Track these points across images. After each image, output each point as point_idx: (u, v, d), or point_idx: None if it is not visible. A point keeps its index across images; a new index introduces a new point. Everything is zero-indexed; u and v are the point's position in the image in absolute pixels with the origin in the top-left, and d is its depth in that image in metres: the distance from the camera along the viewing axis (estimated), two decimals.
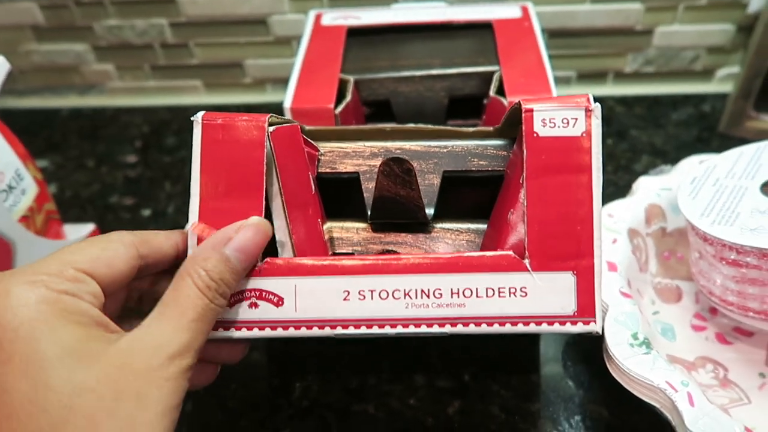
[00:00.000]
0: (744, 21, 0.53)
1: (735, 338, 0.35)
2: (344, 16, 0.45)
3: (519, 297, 0.24)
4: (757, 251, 0.29)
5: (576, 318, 0.24)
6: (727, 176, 0.34)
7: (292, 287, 0.24)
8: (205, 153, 0.25)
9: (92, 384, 0.19)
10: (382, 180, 0.27)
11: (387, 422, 0.33)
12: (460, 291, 0.24)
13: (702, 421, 0.27)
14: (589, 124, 0.24)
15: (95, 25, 0.57)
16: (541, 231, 0.24)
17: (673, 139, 0.52)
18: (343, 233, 0.30)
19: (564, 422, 0.33)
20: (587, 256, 0.24)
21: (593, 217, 0.24)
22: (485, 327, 0.24)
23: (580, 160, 0.24)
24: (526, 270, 0.24)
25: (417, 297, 0.24)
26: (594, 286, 0.24)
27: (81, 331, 0.20)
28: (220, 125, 0.25)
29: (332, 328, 0.24)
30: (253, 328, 0.24)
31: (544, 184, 0.24)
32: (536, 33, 0.42)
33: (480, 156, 0.29)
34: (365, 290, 0.24)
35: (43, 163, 0.55)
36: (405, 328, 0.24)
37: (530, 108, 0.24)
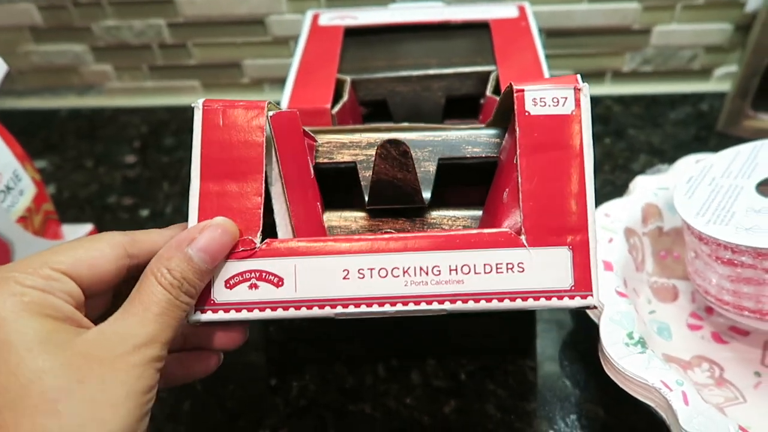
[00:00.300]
0: (742, 20, 0.53)
1: (731, 337, 0.35)
2: (341, 16, 0.45)
3: (516, 273, 0.24)
4: (752, 250, 0.29)
5: (573, 292, 0.24)
6: (723, 175, 0.34)
7: (292, 267, 0.24)
8: (206, 138, 0.25)
9: (54, 369, 0.19)
10: (379, 163, 0.28)
11: (384, 421, 0.33)
12: (458, 268, 0.24)
13: (696, 420, 0.27)
14: (578, 103, 0.25)
15: (93, 26, 0.57)
16: (536, 207, 0.24)
17: (671, 138, 0.52)
18: (341, 222, 0.31)
19: (560, 421, 0.33)
20: (582, 230, 0.24)
21: (586, 192, 0.24)
22: (484, 303, 0.24)
23: (570, 137, 0.24)
24: (522, 246, 0.24)
25: (416, 274, 0.24)
26: (590, 261, 0.24)
27: (49, 324, 0.20)
28: (220, 110, 0.26)
29: (332, 308, 0.24)
30: (253, 309, 0.24)
31: (537, 161, 0.24)
32: (533, 33, 0.42)
33: (474, 143, 0.30)
34: (364, 269, 0.24)
35: (42, 163, 0.55)
36: (405, 305, 0.24)
37: (521, 88, 0.25)
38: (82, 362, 0.20)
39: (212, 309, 0.24)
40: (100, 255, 0.23)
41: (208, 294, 0.24)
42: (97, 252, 0.23)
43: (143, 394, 0.20)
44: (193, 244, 0.23)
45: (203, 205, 0.25)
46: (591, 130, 0.24)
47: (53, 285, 0.21)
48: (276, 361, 0.37)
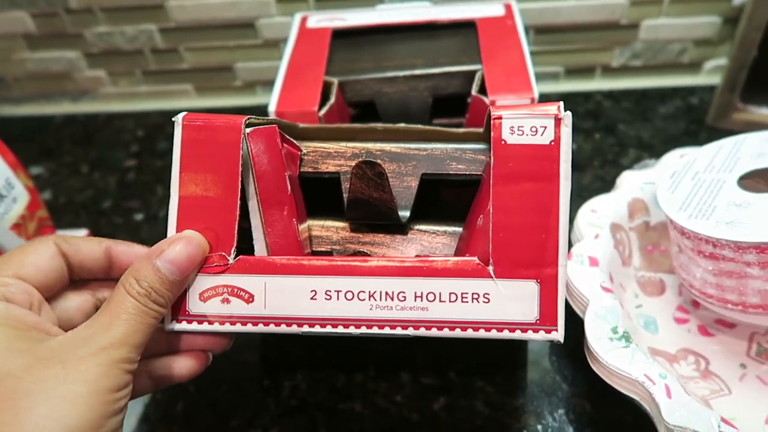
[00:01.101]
0: (730, 13, 0.53)
1: (717, 330, 0.35)
2: (329, 18, 0.46)
3: (482, 303, 0.24)
4: (733, 244, 0.29)
5: (538, 326, 0.24)
6: (706, 170, 0.35)
7: (262, 285, 0.25)
8: (185, 153, 0.26)
9: (15, 372, 0.20)
10: (355, 182, 0.28)
11: (373, 419, 0.34)
12: (423, 295, 0.24)
13: (678, 413, 0.27)
14: (558, 133, 0.24)
15: (86, 32, 0.58)
16: (506, 239, 0.24)
17: (661, 132, 0.52)
18: (322, 232, 0.31)
19: (548, 416, 0.33)
20: (551, 264, 0.24)
21: (558, 227, 0.24)
22: (447, 331, 0.24)
23: (547, 168, 0.24)
24: (489, 276, 0.24)
25: (381, 299, 0.24)
26: (557, 295, 0.24)
27: (10, 333, 0.21)
28: (199, 126, 0.26)
29: (299, 326, 0.25)
30: (225, 323, 0.25)
31: (510, 191, 0.24)
32: (519, 31, 0.42)
33: (458, 160, 0.30)
34: (331, 290, 0.25)
35: (37, 169, 0.56)
36: (369, 329, 0.25)
37: (499, 115, 0.24)
38: (44, 364, 0.20)
39: (187, 319, 0.25)
40: (40, 257, 0.24)
41: (183, 304, 0.25)
42: (36, 254, 0.24)
43: (108, 392, 0.21)
44: (162, 256, 0.24)
45: (181, 218, 0.26)
46: (570, 161, 0.24)
47: (10, 291, 0.22)
48: (268, 362, 0.38)
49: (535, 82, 0.37)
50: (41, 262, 0.24)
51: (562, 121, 0.24)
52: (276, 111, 0.37)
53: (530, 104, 0.25)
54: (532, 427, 0.33)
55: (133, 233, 0.48)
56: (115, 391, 0.21)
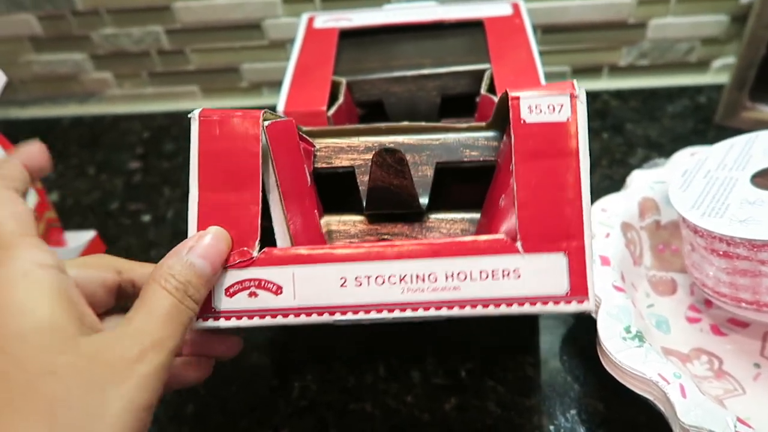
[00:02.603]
0: (737, 11, 0.53)
1: (730, 329, 0.35)
2: (336, 19, 0.46)
3: (512, 279, 0.24)
4: (747, 242, 0.29)
5: (569, 297, 0.24)
6: (718, 168, 0.34)
7: (290, 276, 0.25)
8: (203, 148, 0.26)
9: (61, 371, 0.19)
10: (375, 170, 0.28)
11: (384, 419, 0.34)
12: (454, 275, 0.24)
13: (694, 412, 0.27)
14: (574, 110, 0.24)
15: (92, 34, 0.58)
16: (532, 214, 0.24)
17: (669, 131, 0.52)
18: (340, 226, 0.31)
19: (560, 416, 0.33)
20: (577, 237, 0.24)
21: (582, 199, 0.24)
22: (480, 309, 0.24)
23: (566, 144, 0.24)
24: (518, 252, 0.24)
25: (413, 282, 0.24)
26: (585, 266, 0.24)
27: (63, 316, 0.20)
28: (216, 121, 0.26)
29: (331, 315, 0.25)
30: (253, 317, 0.25)
31: (532, 168, 0.24)
32: (527, 30, 0.42)
33: (472, 147, 0.30)
34: (362, 276, 0.24)
35: None
36: (402, 312, 0.24)
37: (517, 96, 0.25)
38: (88, 366, 0.19)
39: (213, 317, 0.25)
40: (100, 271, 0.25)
41: (209, 302, 0.25)
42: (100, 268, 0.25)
43: (142, 410, 0.20)
44: (192, 251, 0.24)
45: (202, 214, 0.26)
46: (587, 137, 0.24)
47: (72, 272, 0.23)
48: (277, 362, 0.38)
49: (544, 80, 0.37)
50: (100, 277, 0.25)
51: (577, 98, 0.24)
52: (285, 111, 0.37)
53: (544, 85, 0.26)
54: (544, 428, 0.33)
55: (140, 235, 0.48)
56: (147, 409, 0.20)
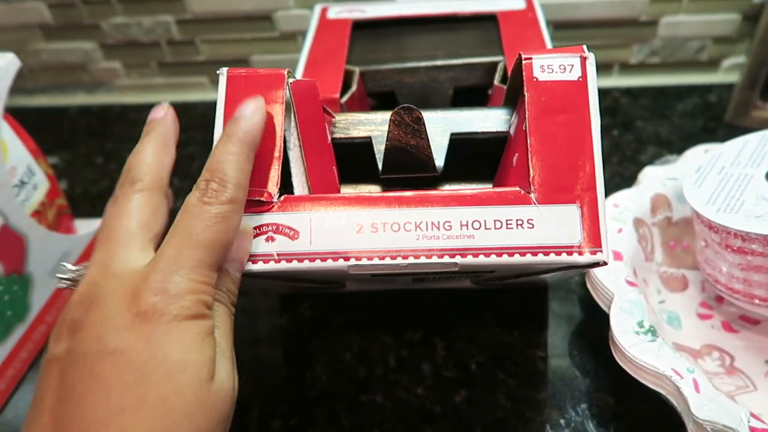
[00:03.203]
0: (750, 10, 0.53)
1: (741, 326, 0.35)
2: (349, 10, 0.46)
3: (526, 228, 0.24)
4: (762, 238, 0.29)
5: (583, 248, 0.24)
6: (732, 164, 0.34)
7: (308, 221, 0.25)
8: (229, 101, 0.27)
9: None
10: (393, 129, 0.28)
11: (394, 411, 0.34)
12: (468, 223, 0.25)
13: (708, 407, 0.27)
14: (584, 70, 0.25)
15: (102, 24, 0.57)
16: (545, 166, 0.25)
17: (679, 129, 0.52)
18: None
19: (570, 410, 0.33)
20: (590, 188, 0.24)
21: (594, 153, 0.25)
22: (494, 258, 0.24)
23: (578, 100, 0.25)
24: (531, 203, 0.25)
25: (427, 229, 0.25)
26: (598, 218, 0.24)
27: (213, 352, 0.21)
28: (243, 76, 0.27)
29: (345, 260, 0.25)
30: (269, 260, 0.25)
31: (545, 123, 0.25)
32: (540, 24, 0.42)
33: (485, 119, 0.31)
34: (378, 223, 0.25)
35: (53, 160, 0.55)
36: (416, 259, 0.24)
37: (529, 56, 0.26)
38: None
39: None
40: (234, 231, 0.23)
41: None
42: (232, 232, 0.23)
43: None
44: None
45: None
46: (597, 95, 0.26)
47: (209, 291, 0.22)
48: (288, 354, 0.38)
49: None
50: (238, 224, 0.23)
51: (587, 59, 0.26)
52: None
53: (554, 49, 0.27)
54: (554, 421, 0.33)
55: None
56: None
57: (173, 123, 0.27)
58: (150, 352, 0.20)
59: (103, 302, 0.20)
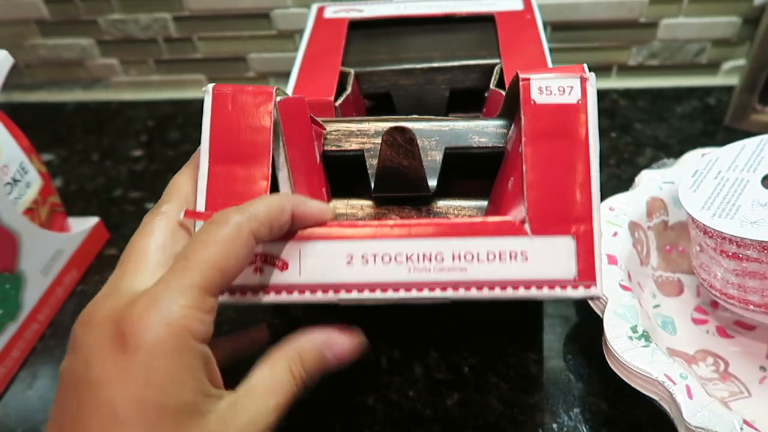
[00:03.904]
0: (750, 13, 0.53)
1: (736, 332, 0.35)
2: (346, 9, 0.45)
3: (520, 261, 0.24)
4: (757, 244, 0.29)
5: (577, 282, 0.24)
6: (729, 169, 0.34)
7: (297, 252, 0.24)
8: (215, 122, 0.26)
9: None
10: (385, 150, 0.27)
11: (386, 413, 0.34)
12: (461, 255, 0.24)
13: (700, 414, 0.26)
14: (584, 92, 0.24)
15: (100, 20, 0.57)
16: (541, 195, 0.24)
17: (677, 132, 0.52)
18: (348, 210, 0.31)
19: (563, 414, 0.33)
20: (586, 220, 0.24)
21: (591, 182, 0.24)
22: (487, 291, 0.24)
23: (576, 126, 0.24)
24: (526, 234, 0.24)
25: (419, 261, 0.24)
26: (594, 250, 0.24)
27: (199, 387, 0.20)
28: (229, 94, 0.26)
29: (336, 292, 0.24)
30: (258, 292, 0.24)
31: (542, 149, 0.24)
32: (538, 25, 0.42)
33: (481, 134, 0.30)
34: (368, 254, 0.24)
35: (49, 156, 0.55)
36: (407, 292, 0.24)
37: (527, 77, 0.25)
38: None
39: None
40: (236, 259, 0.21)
41: None
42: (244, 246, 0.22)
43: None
44: (332, 348, 0.25)
45: (211, 187, 0.25)
46: (597, 120, 0.24)
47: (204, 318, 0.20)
48: None
49: None
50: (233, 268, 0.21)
51: (587, 81, 0.24)
52: None
53: (554, 68, 0.26)
54: (547, 425, 0.33)
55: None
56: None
57: None
58: (124, 392, 0.18)
59: (96, 325, 0.20)
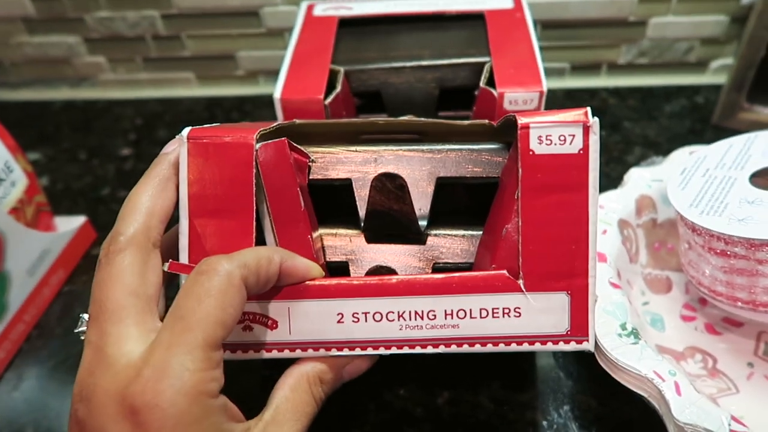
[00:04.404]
0: (738, 12, 0.53)
1: (724, 328, 0.35)
2: (336, 7, 0.45)
3: (513, 317, 0.24)
4: (745, 241, 0.29)
5: (569, 337, 0.24)
6: (717, 167, 0.34)
7: (286, 310, 0.24)
8: (192, 174, 0.24)
9: None
10: (374, 195, 0.26)
11: (377, 412, 0.33)
12: (453, 312, 0.24)
13: (689, 410, 0.27)
14: (586, 141, 0.23)
15: (86, 17, 0.57)
16: (536, 251, 0.23)
17: (666, 130, 0.52)
18: (336, 241, 0.29)
19: (553, 412, 0.33)
20: (581, 275, 0.23)
21: (588, 236, 0.23)
22: (479, 347, 0.24)
23: (576, 178, 0.23)
24: (520, 290, 0.24)
25: (411, 319, 0.24)
26: (588, 306, 0.24)
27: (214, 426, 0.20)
28: (206, 144, 0.25)
29: (327, 350, 0.24)
30: (248, 350, 0.25)
31: (539, 203, 0.23)
32: (528, 24, 0.42)
33: (474, 162, 0.28)
34: (359, 313, 0.24)
35: (35, 155, 0.55)
36: (399, 349, 0.24)
37: (526, 124, 0.23)
38: None
39: None
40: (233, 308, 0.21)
41: None
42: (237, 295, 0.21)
43: None
44: (348, 368, 0.25)
45: (193, 243, 0.24)
46: (598, 169, 0.23)
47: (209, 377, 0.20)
48: None
49: (544, 75, 0.36)
50: (231, 320, 0.21)
51: (590, 128, 0.23)
52: (281, 98, 0.37)
53: (555, 111, 0.24)
54: (537, 423, 0.33)
55: None
56: None
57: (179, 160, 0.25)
58: None
59: (100, 404, 0.19)
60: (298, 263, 0.24)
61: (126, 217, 0.22)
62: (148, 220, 0.22)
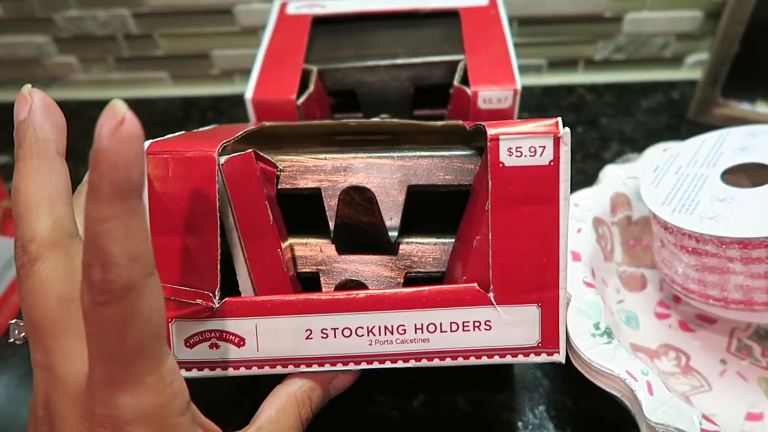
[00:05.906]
0: (712, 7, 0.53)
1: (698, 325, 0.35)
2: (309, 5, 0.44)
3: (483, 331, 0.24)
4: (716, 239, 0.29)
5: (540, 349, 0.24)
6: (689, 164, 0.34)
7: (253, 328, 0.24)
8: (153, 191, 0.24)
9: None
10: (343, 208, 0.26)
11: (351, 417, 0.33)
12: (423, 326, 0.24)
13: (660, 410, 0.27)
14: (557, 152, 0.23)
15: (56, 17, 0.55)
16: (506, 264, 0.23)
17: (643, 126, 0.52)
18: (306, 251, 0.29)
19: (528, 412, 0.33)
20: (552, 287, 0.23)
21: (559, 248, 0.23)
22: (449, 361, 0.24)
23: (547, 189, 0.23)
24: (490, 303, 0.23)
25: (380, 333, 0.24)
26: (558, 317, 0.24)
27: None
28: (166, 159, 0.24)
29: (296, 366, 0.24)
30: (215, 368, 0.24)
31: (509, 215, 0.23)
32: (503, 21, 0.42)
33: (446, 170, 0.28)
34: (328, 328, 0.24)
35: (4, 158, 0.53)
36: (369, 364, 0.24)
37: (496, 136, 0.23)
38: None
39: None
40: None
41: None
42: None
43: None
44: (335, 383, 0.25)
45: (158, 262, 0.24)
46: (569, 180, 0.23)
47: None
48: None
49: (518, 73, 0.36)
50: None
51: (561, 139, 0.23)
52: (253, 99, 0.36)
53: (525, 120, 0.24)
54: (513, 424, 0.33)
55: None
56: None
57: (49, 117, 0.20)
58: None
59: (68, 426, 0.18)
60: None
61: (24, 216, 0.18)
62: (52, 212, 0.19)
